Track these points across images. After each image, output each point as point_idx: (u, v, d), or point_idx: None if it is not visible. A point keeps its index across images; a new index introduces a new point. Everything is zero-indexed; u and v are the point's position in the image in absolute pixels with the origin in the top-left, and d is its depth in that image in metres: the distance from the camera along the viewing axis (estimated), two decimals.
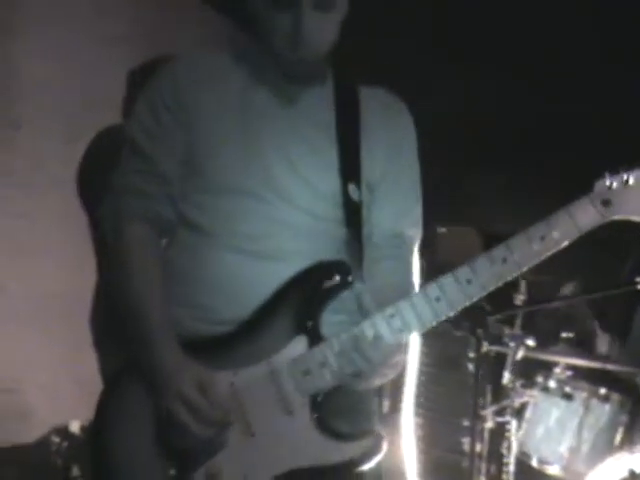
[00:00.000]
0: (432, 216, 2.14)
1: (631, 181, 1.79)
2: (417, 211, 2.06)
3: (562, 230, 1.77)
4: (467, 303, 1.77)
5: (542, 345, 3.63)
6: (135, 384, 1.82)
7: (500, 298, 3.66)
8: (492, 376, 3.73)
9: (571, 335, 3.64)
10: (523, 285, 3.60)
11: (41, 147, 3.50)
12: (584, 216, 1.78)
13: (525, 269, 1.78)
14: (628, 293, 3.38)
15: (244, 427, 1.74)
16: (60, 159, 3.23)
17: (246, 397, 1.75)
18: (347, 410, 1.84)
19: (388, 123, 2.02)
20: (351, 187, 1.91)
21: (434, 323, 1.78)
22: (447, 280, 1.77)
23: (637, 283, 3.26)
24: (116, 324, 2.86)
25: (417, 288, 2.02)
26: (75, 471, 3.64)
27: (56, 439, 3.76)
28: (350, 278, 1.82)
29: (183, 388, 1.71)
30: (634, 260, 3.61)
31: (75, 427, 3.82)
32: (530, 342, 3.54)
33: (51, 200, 3.44)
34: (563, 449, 3.57)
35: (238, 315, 1.80)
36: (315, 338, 1.77)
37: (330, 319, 1.82)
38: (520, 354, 3.53)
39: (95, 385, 2.94)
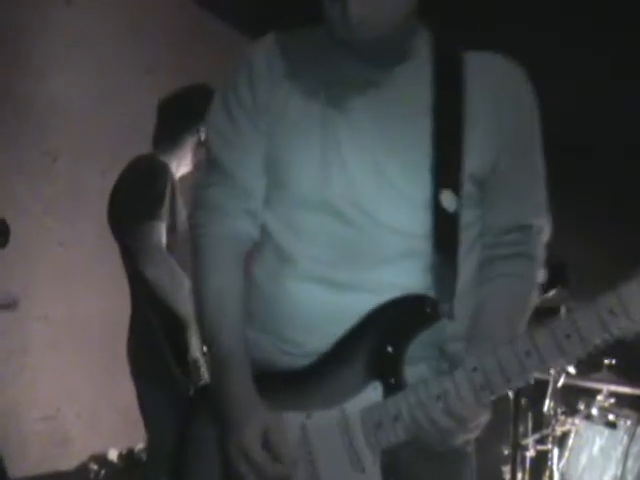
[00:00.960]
0: None
1: None
2: (541, 196, 1.72)
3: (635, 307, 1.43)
4: (527, 379, 1.49)
5: (584, 372, 3.56)
6: (208, 415, 1.68)
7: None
8: (533, 404, 3.65)
9: (614, 361, 3.56)
10: (563, 311, 3.54)
11: (78, 177, 3.56)
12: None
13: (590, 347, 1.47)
14: None
15: (312, 476, 1.59)
16: (96, 188, 3.25)
17: (317, 444, 1.59)
18: (422, 469, 1.62)
19: (503, 96, 1.67)
20: (445, 194, 1.61)
21: (520, 382, 1.50)
22: (503, 352, 1.49)
23: None
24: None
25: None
26: None
27: (94, 466, 3.78)
28: (436, 313, 1.57)
29: (247, 441, 1.56)
30: None
31: (113, 455, 3.84)
32: (571, 369, 3.48)
33: (88, 229, 3.49)
34: (607, 479, 3.49)
35: (320, 349, 1.62)
36: (390, 386, 1.56)
37: (408, 369, 1.58)
38: (561, 381, 3.46)
39: (133, 413, 2.97)
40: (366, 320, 1.60)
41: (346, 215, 1.62)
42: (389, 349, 1.58)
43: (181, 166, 3.04)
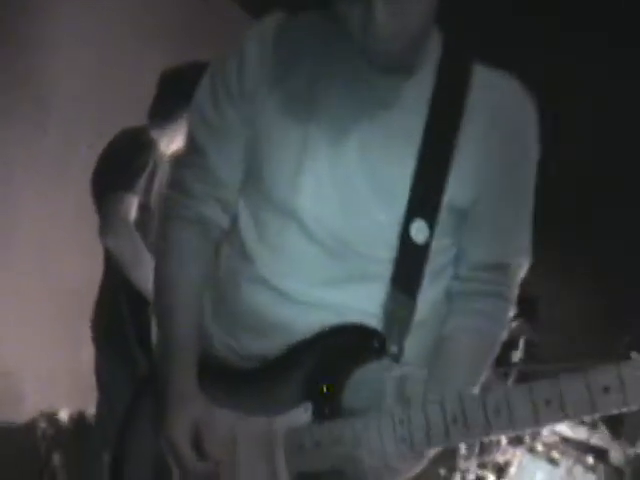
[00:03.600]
0: None
1: None
2: (525, 237, 1.63)
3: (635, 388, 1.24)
4: (488, 437, 1.40)
5: None
6: (151, 397, 1.68)
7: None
8: None
9: None
10: (521, 343, 3.58)
11: (66, 149, 3.57)
12: None
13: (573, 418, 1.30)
14: None
15: (232, 477, 1.57)
16: (83, 162, 3.25)
17: (242, 448, 1.57)
18: None
19: (499, 123, 1.55)
20: (416, 224, 1.52)
21: (442, 446, 1.42)
22: (470, 402, 1.36)
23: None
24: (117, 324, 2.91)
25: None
26: (56, 460, 3.66)
27: (43, 424, 3.78)
28: (381, 349, 1.51)
29: (176, 435, 1.55)
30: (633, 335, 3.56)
31: (64, 415, 3.84)
32: None
33: (73, 201, 3.49)
34: None
35: (266, 355, 1.59)
36: (320, 412, 1.52)
37: (350, 399, 1.53)
38: None
39: (91, 377, 2.99)
40: (312, 341, 1.55)
41: (310, 230, 1.56)
42: (326, 377, 1.53)
43: (172, 143, 2.99)
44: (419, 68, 1.57)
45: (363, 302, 1.55)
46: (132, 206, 2.81)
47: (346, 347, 1.54)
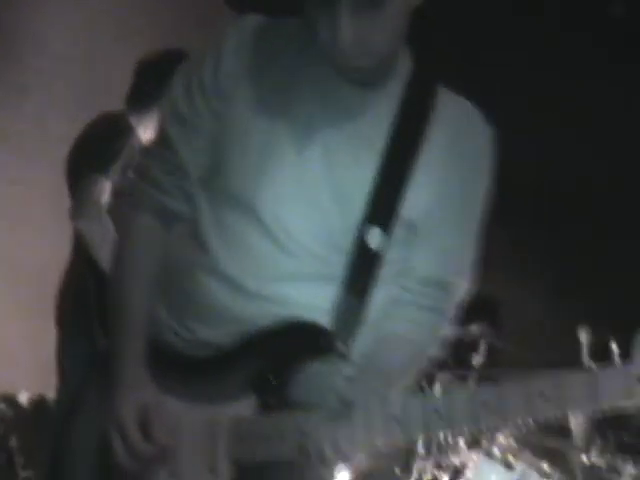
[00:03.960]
0: None
1: None
2: (466, 257, 1.69)
3: (575, 397, 1.32)
4: (426, 437, 1.59)
5: None
6: (101, 383, 1.68)
7: (458, 356, 3.69)
8: None
9: None
10: (482, 346, 3.62)
11: (45, 119, 3.55)
12: (609, 389, 1.31)
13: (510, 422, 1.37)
14: None
15: (173, 467, 1.61)
16: (62, 134, 3.24)
17: (184, 437, 1.61)
18: None
19: (458, 147, 1.63)
20: (372, 231, 1.58)
21: (385, 444, 1.46)
22: (413, 402, 1.43)
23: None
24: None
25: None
26: (13, 441, 3.64)
27: (2, 405, 3.76)
28: (328, 347, 1.58)
29: (124, 415, 1.58)
30: None
31: (23, 398, 3.83)
32: None
33: (48, 172, 3.46)
34: None
35: (215, 343, 1.63)
36: (265, 405, 1.57)
37: (298, 394, 1.58)
38: None
39: (53, 362, 2.98)
40: (263, 334, 1.60)
41: (268, 228, 1.60)
42: (273, 371, 1.58)
43: (150, 130, 3.00)
44: (387, 82, 1.62)
45: (315, 300, 1.60)
46: (105, 190, 2.82)
47: (296, 343, 1.59)
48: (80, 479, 1.68)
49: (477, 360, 3.73)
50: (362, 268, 1.60)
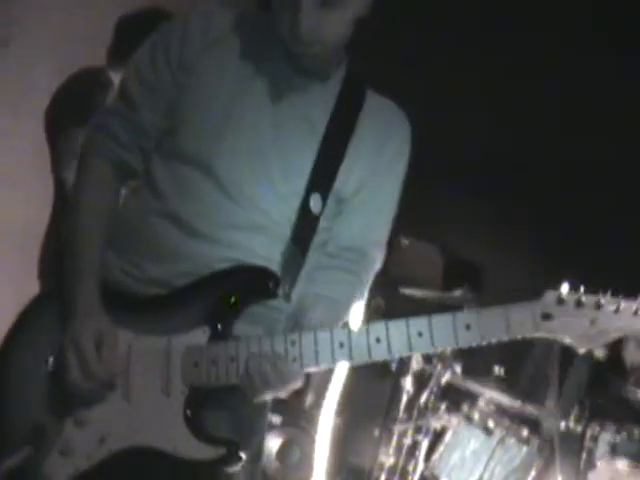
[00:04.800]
0: (399, 226, 2.04)
1: (584, 301, 1.66)
2: (383, 232, 1.98)
3: (490, 328, 1.67)
4: (368, 361, 1.73)
5: (471, 374, 3.64)
6: (52, 312, 1.82)
7: None
8: (419, 393, 3.73)
9: (502, 372, 3.64)
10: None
11: (29, 70, 3.51)
12: (518, 323, 1.67)
13: (440, 349, 1.69)
14: None
15: (124, 391, 1.76)
16: (46, 86, 3.20)
17: (136, 364, 1.77)
18: (222, 413, 1.81)
19: (383, 137, 1.92)
20: (314, 197, 1.85)
21: (332, 366, 1.77)
22: (356, 331, 1.72)
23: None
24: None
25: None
26: None
27: None
28: (275, 290, 1.79)
29: (81, 336, 1.72)
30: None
31: None
32: (458, 368, 3.56)
33: (32, 125, 3.43)
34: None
35: (166, 281, 1.81)
36: (218, 335, 1.77)
37: (246, 329, 1.81)
38: (445, 378, 3.55)
39: None
40: (216, 273, 1.79)
41: (223, 183, 1.81)
42: (226, 304, 1.79)
43: None
44: (329, 76, 1.92)
45: (265, 249, 1.84)
46: None
47: (246, 282, 1.81)
48: (25, 400, 1.78)
49: None
50: (305, 228, 1.86)
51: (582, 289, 1.69)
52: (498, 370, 3.66)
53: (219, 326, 1.77)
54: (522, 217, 4.15)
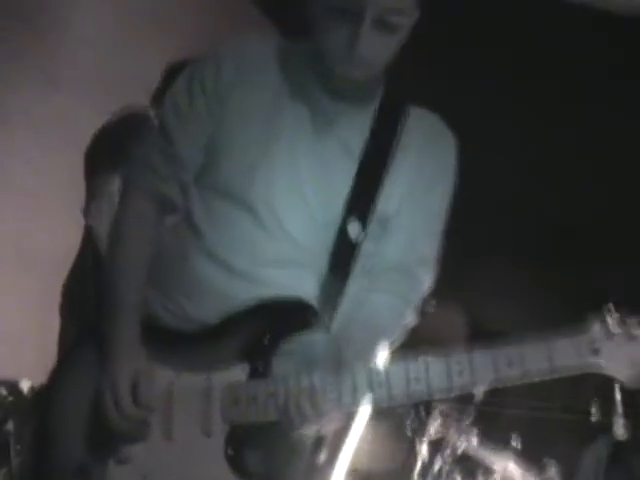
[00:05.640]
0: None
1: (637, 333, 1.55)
2: (430, 251, 1.91)
3: (533, 364, 1.59)
4: (407, 401, 1.66)
5: (487, 446, 3.57)
6: (93, 350, 1.82)
7: None
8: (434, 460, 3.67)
9: (519, 445, 3.57)
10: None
11: (72, 110, 3.57)
12: (563, 359, 1.58)
13: (481, 390, 1.63)
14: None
15: (165, 429, 1.75)
16: (88, 126, 3.26)
17: (177, 402, 1.76)
18: (262, 450, 1.80)
19: (426, 152, 1.88)
20: (352, 224, 1.81)
21: (370, 404, 1.71)
22: (395, 369, 1.66)
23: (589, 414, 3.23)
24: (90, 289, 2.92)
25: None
26: (9, 426, 3.64)
27: (3, 391, 3.77)
28: (313, 322, 1.77)
29: (117, 377, 1.73)
30: None
31: (25, 385, 3.83)
32: (474, 437, 3.50)
33: (70, 164, 3.48)
34: None
35: (205, 320, 1.81)
36: (257, 371, 1.75)
37: (284, 363, 1.78)
38: (462, 446, 3.49)
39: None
40: (253, 309, 1.78)
41: (260, 217, 1.80)
42: (265, 340, 1.76)
43: None
44: (367, 96, 1.88)
45: (300, 283, 1.81)
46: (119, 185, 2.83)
47: (284, 316, 1.78)
48: (69, 440, 1.79)
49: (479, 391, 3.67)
50: (343, 256, 1.82)
51: (634, 319, 1.58)
52: (515, 441, 3.59)
53: (258, 362, 1.75)
54: (554, 282, 4.11)
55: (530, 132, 4.08)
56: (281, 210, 1.80)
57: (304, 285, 1.81)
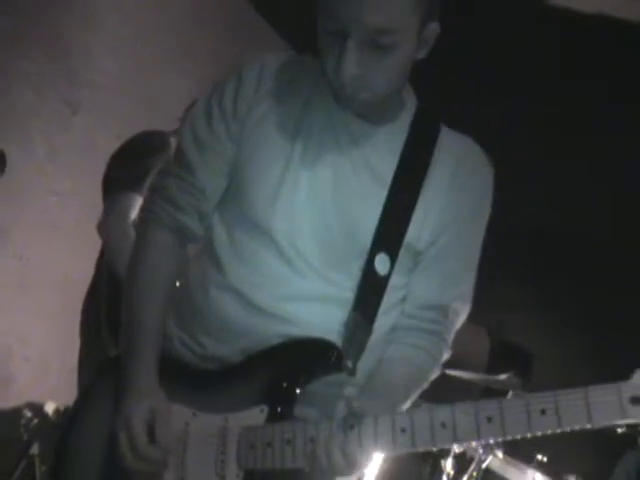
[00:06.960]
0: None
1: None
2: (466, 284, 1.77)
3: (569, 414, 1.40)
4: (433, 448, 1.53)
5: (512, 461, 3.54)
6: (111, 387, 1.75)
7: None
8: (459, 477, 3.64)
9: (545, 459, 3.53)
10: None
11: (92, 134, 3.62)
12: (602, 408, 1.39)
13: (510, 438, 1.45)
14: None
15: (180, 470, 1.68)
16: (107, 150, 3.30)
17: (192, 443, 1.68)
18: None
19: (459, 178, 1.73)
20: (380, 256, 1.68)
21: (394, 452, 1.57)
22: (420, 415, 1.51)
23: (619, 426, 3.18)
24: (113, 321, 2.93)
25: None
26: (35, 448, 3.66)
27: (28, 414, 3.79)
28: (338, 364, 1.64)
29: (133, 417, 1.64)
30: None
31: (50, 408, 3.85)
32: (500, 453, 3.47)
33: (88, 186, 3.52)
34: None
35: (225, 358, 1.71)
36: (277, 414, 1.64)
37: (304, 408, 1.67)
38: (486, 462, 3.46)
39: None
40: (275, 349, 1.67)
41: (282, 250, 1.69)
42: (285, 382, 1.66)
43: None
44: (395, 119, 1.75)
45: (324, 320, 1.68)
46: (134, 206, 2.85)
47: (306, 357, 1.67)
48: (84, 477, 1.74)
49: None
50: (370, 292, 1.69)
51: None
52: (541, 457, 3.56)
53: (278, 405, 1.65)
54: (576, 310, 4.09)
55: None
56: (304, 243, 1.69)
57: (329, 322, 1.68)
